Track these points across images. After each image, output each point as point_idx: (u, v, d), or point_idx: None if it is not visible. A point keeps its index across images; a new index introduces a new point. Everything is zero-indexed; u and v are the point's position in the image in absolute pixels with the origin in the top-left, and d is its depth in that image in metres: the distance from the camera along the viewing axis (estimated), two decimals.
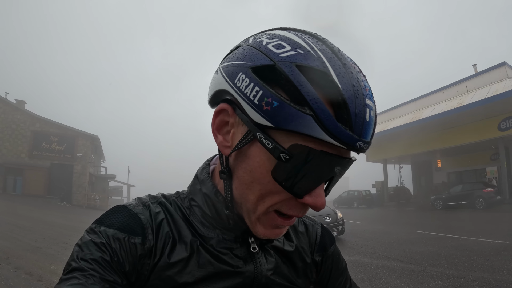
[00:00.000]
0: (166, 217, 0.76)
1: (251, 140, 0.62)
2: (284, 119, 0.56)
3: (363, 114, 0.57)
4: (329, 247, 0.97)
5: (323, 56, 0.59)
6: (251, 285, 0.76)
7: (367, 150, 0.64)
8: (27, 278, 6.94)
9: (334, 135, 0.55)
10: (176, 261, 0.71)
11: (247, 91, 0.59)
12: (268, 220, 0.68)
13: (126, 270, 0.66)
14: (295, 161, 0.58)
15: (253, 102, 0.58)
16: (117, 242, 0.67)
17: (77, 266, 0.62)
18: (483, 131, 20.64)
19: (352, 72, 0.59)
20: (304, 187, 0.61)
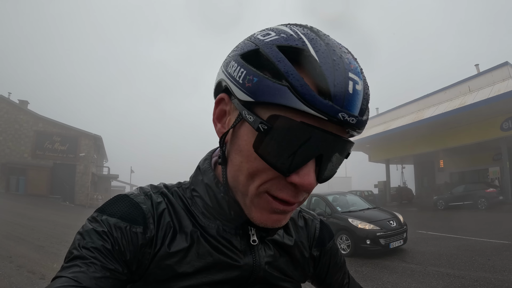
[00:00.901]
0: (167, 207, 0.76)
1: (240, 121, 0.65)
2: (263, 92, 0.58)
3: (343, 85, 0.57)
4: (327, 242, 0.97)
5: (304, 37, 0.62)
6: (249, 277, 0.76)
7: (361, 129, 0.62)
8: (29, 276, 6.97)
9: (311, 104, 0.55)
10: (176, 251, 0.71)
11: (235, 74, 0.64)
12: (262, 203, 0.67)
13: (127, 258, 0.67)
14: (275, 133, 0.59)
15: (238, 82, 0.62)
16: (119, 231, 0.67)
17: (78, 254, 0.63)
18: (485, 131, 20.56)
19: (334, 50, 0.61)
20: (289, 163, 0.60)
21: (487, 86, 19.61)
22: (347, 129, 0.61)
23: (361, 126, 0.61)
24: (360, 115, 0.60)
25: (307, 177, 0.61)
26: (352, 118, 0.58)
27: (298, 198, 0.66)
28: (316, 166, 0.63)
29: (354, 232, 9.37)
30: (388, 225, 9.47)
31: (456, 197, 21.70)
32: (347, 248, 9.53)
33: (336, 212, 10.40)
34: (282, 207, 0.66)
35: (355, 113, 0.59)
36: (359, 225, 9.40)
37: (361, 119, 0.60)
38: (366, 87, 0.63)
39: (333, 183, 51.00)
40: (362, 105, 0.61)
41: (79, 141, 33.72)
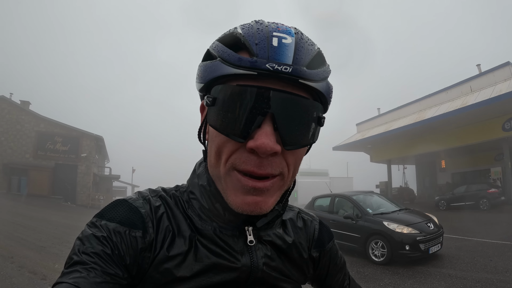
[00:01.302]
0: (166, 211, 0.77)
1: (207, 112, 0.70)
2: (206, 74, 0.67)
3: (265, 42, 0.63)
4: (327, 243, 0.97)
5: (238, 26, 0.70)
6: (248, 279, 0.76)
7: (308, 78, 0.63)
8: (31, 277, 6.98)
9: (238, 65, 0.61)
10: (175, 255, 0.72)
11: (197, 76, 0.72)
12: (233, 183, 0.67)
13: (127, 263, 0.67)
14: (219, 102, 0.64)
15: (197, 78, 0.72)
16: (118, 236, 0.68)
17: (78, 259, 0.64)
18: (487, 132, 20.51)
19: (261, 23, 0.68)
20: (240, 129, 0.62)
21: (488, 86, 19.56)
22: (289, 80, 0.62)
23: (303, 74, 0.62)
24: (297, 63, 0.62)
25: (262, 138, 0.61)
26: (285, 67, 0.61)
27: (265, 169, 0.65)
28: (276, 131, 0.63)
29: (391, 236, 8.33)
30: (427, 228, 8.56)
31: (457, 198, 21.64)
32: (382, 256, 8.55)
33: (367, 215, 9.37)
34: (251, 183, 0.65)
35: (287, 62, 0.61)
36: (397, 229, 8.38)
37: (300, 68, 0.62)
38: (303, 42, 0.66)
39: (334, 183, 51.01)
40: (298, 55, 0.63)
41: (80, 141, 33.76)
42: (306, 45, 0.66)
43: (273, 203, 0.71)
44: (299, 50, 0.64)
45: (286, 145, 0.64)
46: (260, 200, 0.67)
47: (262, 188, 0.66)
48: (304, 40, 0.67)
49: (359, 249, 9.16)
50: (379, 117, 29.35)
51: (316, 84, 0.65)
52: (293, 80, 0.62)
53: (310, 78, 0.63)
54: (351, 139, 30.79)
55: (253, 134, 0.62)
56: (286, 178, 0.70)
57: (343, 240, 9.50)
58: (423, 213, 9.91)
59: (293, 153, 0.68)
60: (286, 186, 0.73)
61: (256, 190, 0.66)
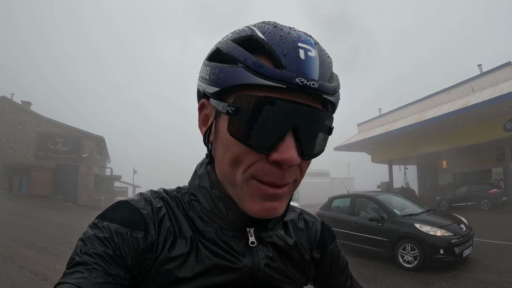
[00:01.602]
0: (167, 212, 0.77)
1: (216, 115, 0.69)
2: (225, 79, 0.64)
3: (293, 53, 0.62)
4: (329, 244, 0.97)
5: (252, 27, 0.68)
6: (249, 280, 0.76)
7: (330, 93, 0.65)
8: (32, 277, 6.99)
9: (266, 76, 0.60)
10: (176, 256, 0.72)
11: (204, 75, 0.71)
12: (252, 190, 0.68)
13: (128, 264, 0.67)
14: (243, 112, 0.62)
15: (206, 79, 0.69)
16: (120, 237, 0.68)
17: (80, 260, 0.64)
18: (488, 132, 20.50)
19: (282, 29, 0.66)
20: (264, 140, 0.62)
21: (490, 86, 19.55)
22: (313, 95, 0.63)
23: (327, 90, 0.64)
24: (322, 79, 0.63)
25: (287, 151, 0.62)
26: (312, 82, 0.61)
27: (286, 179, 0.67)
28: (297, 142, 0.64)
29: (424, 240, 7.62)
30: (460, 230, 7.94)
31: (459, 198, 21.66)
32: (414, 260, 7.79)
33: (394, 216, 8.59)
34: (272, 191, 0.67)
35: (314, 77, 0.62)
36: (430, 232, 7.70)
37: (324, 83, 0.63)
38: (323, 55, 0.67)
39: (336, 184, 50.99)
40: (322, 70, 0.64)
41: (81, 142, 33.85)
42: (325, 58, 0.67)
43: (285, 205, 0.73)
44: (322, 64, 0.65)
45: (304, 156, 0.66)
46: (277, 205, 0.69)
47: (281, 195, 0.68)
48: (323, 52, 0.68)
49: (386, 254, 8.51)
50: (380, 118, 29.36)
51: (333, 98, 0.67)
52: (318, 95, 0.63)
53: (330, 93, 0.65)
54: (352, 139, 30.81)
55: (277, 146, 0.63)
56: (297, 183, 0.72)
57: (367, 245, 9.02)
58: (451, 214, 9.45)
59: (306, 161, 0.70)
60: (295, 189, 0.74)
61: (275, 197, 0.68)
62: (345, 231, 9.59)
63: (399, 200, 9.82)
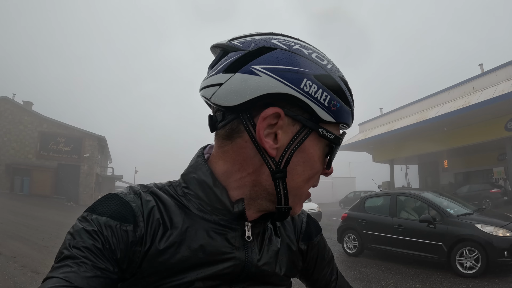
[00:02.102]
0: (157, 204, 0.76)
1: (308, 136, 0.72)
2: (341, 116, 0.73)
3: (350, 96, 0.76)
4: (314, 236, 0.99)
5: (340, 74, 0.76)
6: (241, 273, 0.77)
7: None
8: (33, 276, 7.02)
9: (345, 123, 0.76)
10: (166, 247, 0.71)
11: (317, 96, 0.68)
12: (304, 196, 0.80)
13: (117, 257, 0.67)
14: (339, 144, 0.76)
15: (323, 104, 0.69)
16: (109, 230, 0.68)
17: (69, 254, 0.63)
18: (490, 131, 20.45)
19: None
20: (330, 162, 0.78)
21: (491, 86, 19.50)
22: None
23: None
24: None
25: (332, 167, 0.80)
26: None
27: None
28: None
29: (488, 242, 6.85)
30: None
31: (460, 198, 21.60)
32: (476, 265, 6.96)
33: (450, 216, 7.72)
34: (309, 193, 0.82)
35: None
36: (493, 232, 6.97)
37: None
38: None
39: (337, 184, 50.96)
40: None
41: (83, 142, 33.85)
42: None
43: None
44: None
45: None
46: None
47: None
48: None
49: (441, 260, 7.56)
50: (382, 117, 29.32)
51: None
52: None
53: None
54: (353, 139, 30.76)
55: None
56: None
57: (418, 250, 8.00)
58: (500, 213, 8.75)
59: None
60: None
61: None
62: (387, 235, 8.77)
63: (441, 198, 8.81)
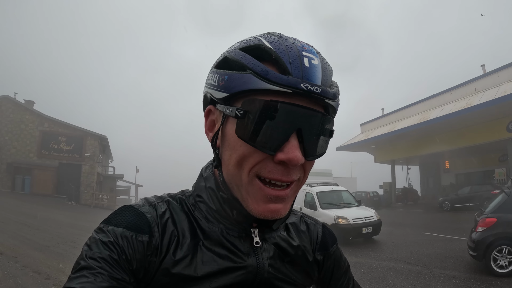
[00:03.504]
0: (171, 215, 0.78)
1: (224, 120, 0.72)
2: (234, 85, 0.68)
3: (298, 61, 0.66)
4: (330, 246, 0.99)
5: (259, 37, 0.72)
6: (254, 280, 0.77)
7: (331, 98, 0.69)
8: (35, 276, 7.01)
9: (274, 81, 0.64)
10: (181, 258, 0.73)
11: (212, 82, 0.74)
12: (256, 192, 0.71)
13: (133, 267, 0.68)
14: (251, 115, 0.66)
15: (214, 85, 0.72)
16: (125, 240, 0.69)
17: (86, 264, 0.64)
18: (491, 132, 20.45)
19: (287, 39, 0.71)
20: (271, 142, 0.66)
21: (493, 87, 19.48)
22: (316, 99, 0.68)
23: (328, 95, 0.68)
24: (324, 85, 0.68)
25: (292, 152, 0.66)
26: (316, 87, 0.66)
27: (291, 176, 0.70)
28: (300, 143, 0.68)
29: None
30: None
31: (461, 199, 21.60)
32: None
33: None
34: (274, 193, 0.70)
35: (317, 83, 0.67)
36: None
37: (326, 89, 0.68)
38: (325, 63, 0.72)
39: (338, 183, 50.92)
40: (324, 77, 0.69)
41: (84, 141, 33.88)
42: (327, 66, 0.72)
43: (290, 207, 0.77)
44: (324, 72, 0.70)
45: (307, 156, 0.70)
46: (281, 207, 0.72)
47: (284, 196, 0.71)
48: (325, 61, 0.73)
49: None
50: (383, 118, 29.34)
51: (333, 102, 0.71)
52: (321, 99, 0.68)
53: (331, 98, 0.69)
54: (354, 139, 30.81)
55: (283, 147, 0.67)
56: (300, 183, 0.75)
57: None
58: None
59: (310, 162, 0.74)
60: (299, 190, 0.77)
61: (279, 198, 0.71)
62: None
63: None
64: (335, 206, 12.78)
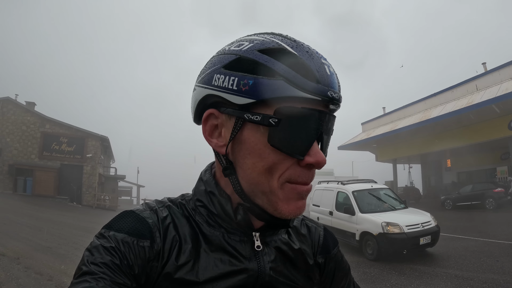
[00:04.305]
0: (173, 220, 0.78)
1: (241, 126, 0.69)
2: (262, 91, 0.65)
3: (323, 69, 0.68)
4: (332, 249, 0.98)
5: (275, 39, 0.70)
6: (255, 283, 0.77)
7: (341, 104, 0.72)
8: (37, 277, 7.02)
9: (306, 89, 0.64)
10: (183, 264, 0.73)
11: (225, 85, 0.68)
12: (288, 193, 0.71)
13: (135, 273, 0.68)
14: (284, 123, 0.65)
15: (232, 89, 0.67)
16: (126, 246, 0.69)
17: (87, 269, 0.65)
18: (493, 130, 20.40)
19: (302, 44, 0.70)
20: (301, 147, 0.68)
21: (494, 85, 19.44)
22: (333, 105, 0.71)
23: (341, 99, 0.72)
24: (340, 91, 0.71)
25: (319, 155, 0.70)
26: (337, 94, 0.69)
27: (312, 179, 0.73)
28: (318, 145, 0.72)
29: None
30: None
31: (463, 197, 21.54)
32: None
33: None
34: (305, 188, 0.72)
35: (337, 89, 0.70)
36: None
37: (340, 94, 0.71)
38: (335, 71, 0.73)
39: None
40: (339, 84, 0.72)
41: (86, 142, 33.87)
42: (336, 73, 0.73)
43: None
44: (338, 79, 0.72)
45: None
46: (305, 202, 0.75)
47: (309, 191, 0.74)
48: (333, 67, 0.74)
49: None
50: (385, 116, 29.31)
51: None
52: (338, 105, 0.72)
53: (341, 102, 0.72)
54: (356, 138, 30.79)
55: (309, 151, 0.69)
56: None
57: None
58: None
59: None
60: None
61: (306, 194, 0.74)
62: None
63: None
64: (377, 209, 10.17)
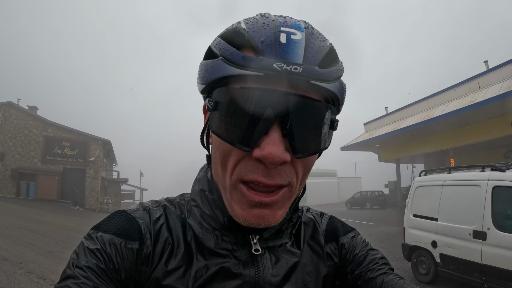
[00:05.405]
0: (167, 221, 0.72)
1: (207, 113, 0.65)
2: (208, 75, 0.61)
3: (272, 38, 0.57)
4: (342, 235, 0.87)
5: (242, 20, 0.64)
6: None
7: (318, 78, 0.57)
8: (40, 282, 7.00)
9: (243, 65, 0.55)
10: (173, 269, 0.67)
11: (198, 76, 0.67)
12: (239, 196, 0.62)
13: (122, 278, 0.63)
14: (222, 107, 0.58)
15: (198, 79, 0.67)
16: (113, 248, 0.64)
17: (71, 273, 0.61)
18: (496, 129, 20.31)
19: (268, 17, 0.62)
20: (246, 136, 0.56)
21: (497, 83, 19.37)
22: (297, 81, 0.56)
23: (315, 74, 0.57)
24: (308, 63, 0.56)
25: (268, 146, 0.56)
26: (294, 66, 0.55)
27: (274, 179, 0.59)
28: (284, 137, 0.58)
29: None
30: None
31: None
32: None
33: None
34: (256, 198, 0.60)
35: (297, 61, 0.55)
36: None
37: (311, 67, 0.56)
38: (313, 38, 0.60)
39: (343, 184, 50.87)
40: (308, 53, 0.57)
41: (88, 145, 33.96)
42: (317, 41, 0.60)
43: (282, 215, 0.65)
44: (310, 47, 0.58)
45: (296, 153, 0.59)
46: (268, 213, 0.62)
47: (270, 203, 0.61)
48: (315, 35, 0.61)
49: None
50: (387, 116, 29.24)
51: (329, 85, 0.59)
52: (304, 81, 0.56)
53: (323, 79, 0.58)
54: (358, 138, 30.72)
55: (260, 142, 0.57)
56: (294, 188, 0.64)
57: None
58: None
59: (303, 160, 0.62)
60: (295, 195, 0.67)
61: (263, 205, 0.61)
62: None
63: None
64: None
